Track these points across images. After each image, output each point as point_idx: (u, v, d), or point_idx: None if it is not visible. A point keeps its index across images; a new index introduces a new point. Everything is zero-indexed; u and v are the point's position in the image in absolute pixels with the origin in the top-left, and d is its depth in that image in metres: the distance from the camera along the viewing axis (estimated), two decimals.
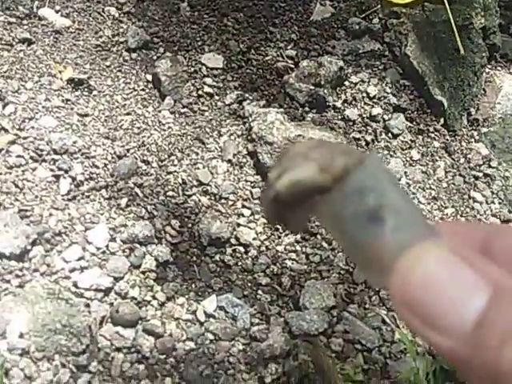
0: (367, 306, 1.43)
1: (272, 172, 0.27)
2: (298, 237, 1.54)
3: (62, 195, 1.43)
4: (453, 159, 1.79)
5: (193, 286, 1.41)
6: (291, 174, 0.26)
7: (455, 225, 0.26)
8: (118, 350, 1.26)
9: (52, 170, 1.45)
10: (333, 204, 0.25)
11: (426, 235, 0.22)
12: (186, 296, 1.39)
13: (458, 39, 1.86)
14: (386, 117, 1.79)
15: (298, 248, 1.52)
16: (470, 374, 0.19)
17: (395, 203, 0.23)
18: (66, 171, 1.45)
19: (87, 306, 1.29)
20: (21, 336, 1.18)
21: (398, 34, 1.97)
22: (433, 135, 1.81)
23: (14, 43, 1.66)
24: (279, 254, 1.50)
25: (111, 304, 1.32)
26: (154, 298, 1.36)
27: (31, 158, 1.44)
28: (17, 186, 1.39)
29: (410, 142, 1.78)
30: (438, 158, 1.78)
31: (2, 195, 1.37)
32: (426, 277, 0.19)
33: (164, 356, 1.27)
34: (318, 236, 1.55)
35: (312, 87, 1.74)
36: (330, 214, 0.25)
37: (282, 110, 1.69)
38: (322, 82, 1.74)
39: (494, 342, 0.18)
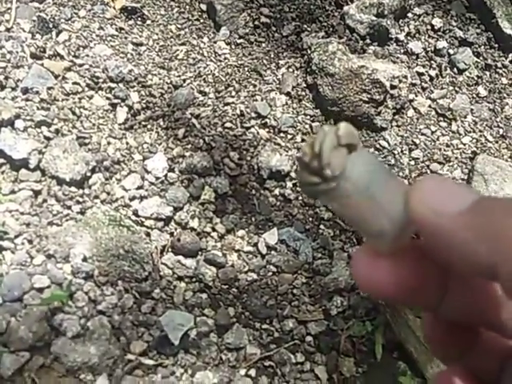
0: None
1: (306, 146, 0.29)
2: None
3: (119, 124, 1.39)
4: None
5: (253, 219, 1.37)
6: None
7: None
8: (180, 278, 1.24)
9: (108, 99, 1.40)
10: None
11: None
12: (246, 229, 1.35)
13: None
14: (451, 51, 1.69)
15: None
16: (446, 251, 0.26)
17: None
18: (123, 100, 1.41)
19: (148, 234, 1.26)
20: (84, 260, 1.16)
21: None
22: (501, 71, 1.71)
23: None
24: None
25: (171, 234, 1.29)
26: (213, 229, 1.32)
27: (87, 85, 1.40)
28: (74, 113, 1.36)
29: (476, 77, 1.68)
30: (505, 95, 1.68)
31: (59, 122, 1.34)
32: (433, 185, 0.26)
33: (226, 286, 1.24)
34: None
35: (374, 18, 1.65)
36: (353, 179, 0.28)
37: (342, 41, 1.60)
38: (385, 13, 1.65)
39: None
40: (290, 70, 1.57)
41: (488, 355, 0.29)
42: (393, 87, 1.54)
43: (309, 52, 1.57)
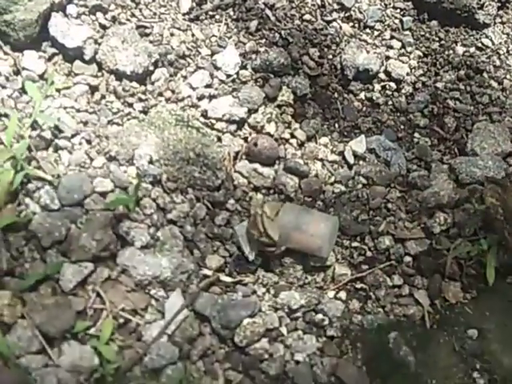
0: None
1: None
2: (462, 73, 1.26)
3: (184, 14, 1.21)
4: None
5: (336, 125, 1.19)
6: None
7: None
8: (257, 189, 1.08)
9: None
10: None
11: None
12: (330, 136, 1.17)
13: None
14: None
15: (462, 86, 1.25)
16: None
17: None
18: None
19: (219, 139, 1.10)
20: (151, 162, 1.01)
21: None
22: None
23: None
24: (439, 92, 1.24)
25: (245, 139, 1.12)
26: (292, 135, 1.15)
27: None
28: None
29: None
30: None
31: (116, 8, 1.16)
32: None
33: (310, 198, 1.08)
34: (485, 74, 1.27)
35: None
36: None
37: None
38: None
39: None
40: None
41: None
42: None
43: None
